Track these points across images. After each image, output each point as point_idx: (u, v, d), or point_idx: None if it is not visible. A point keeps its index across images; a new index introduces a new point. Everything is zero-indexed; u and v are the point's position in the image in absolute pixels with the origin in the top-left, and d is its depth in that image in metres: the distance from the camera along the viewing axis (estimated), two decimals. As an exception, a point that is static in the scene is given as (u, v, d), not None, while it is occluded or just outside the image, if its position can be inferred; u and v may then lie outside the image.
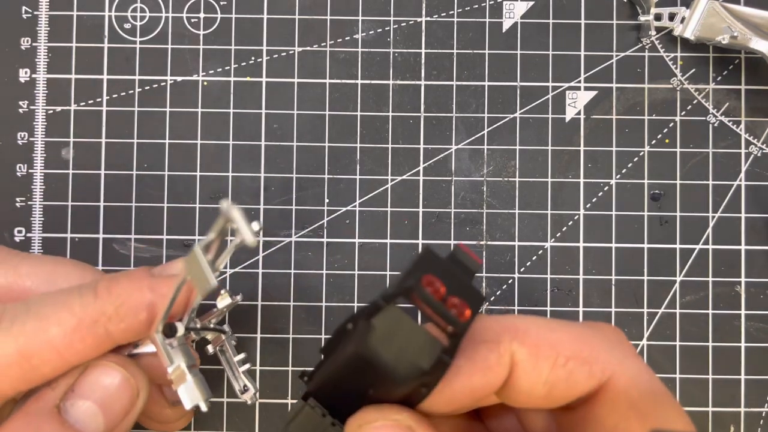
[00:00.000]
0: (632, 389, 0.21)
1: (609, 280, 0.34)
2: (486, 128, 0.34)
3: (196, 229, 0.34)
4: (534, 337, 0.21)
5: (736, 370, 0.33)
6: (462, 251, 0.21)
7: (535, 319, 0.22)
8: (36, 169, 0.34)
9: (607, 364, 0.21)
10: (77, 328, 0.23)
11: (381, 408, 0.21)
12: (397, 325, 0.19)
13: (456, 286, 0.20)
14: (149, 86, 0.34)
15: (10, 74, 0.34)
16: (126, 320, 0.23)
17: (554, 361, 0.21)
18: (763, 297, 0.34)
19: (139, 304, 0.23)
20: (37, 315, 0.23)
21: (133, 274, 0.24)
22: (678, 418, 0.21)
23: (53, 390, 0.23)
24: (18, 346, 0.22)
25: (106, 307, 0.23)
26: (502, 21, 0.34)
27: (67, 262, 0.27)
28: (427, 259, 0.20)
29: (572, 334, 0.21)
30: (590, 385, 0.21)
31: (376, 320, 0.19)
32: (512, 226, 0.34)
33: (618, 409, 0.20)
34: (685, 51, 0.34)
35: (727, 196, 0.34)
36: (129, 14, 0.34)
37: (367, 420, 0.20)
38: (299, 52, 0.34)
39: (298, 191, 0.34)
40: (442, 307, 0.19)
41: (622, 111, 0.34)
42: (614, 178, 0.34)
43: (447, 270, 0.20)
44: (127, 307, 0.23)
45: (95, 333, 0.23)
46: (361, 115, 0.34)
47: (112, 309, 0.23)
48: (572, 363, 0.21)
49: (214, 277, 0.22)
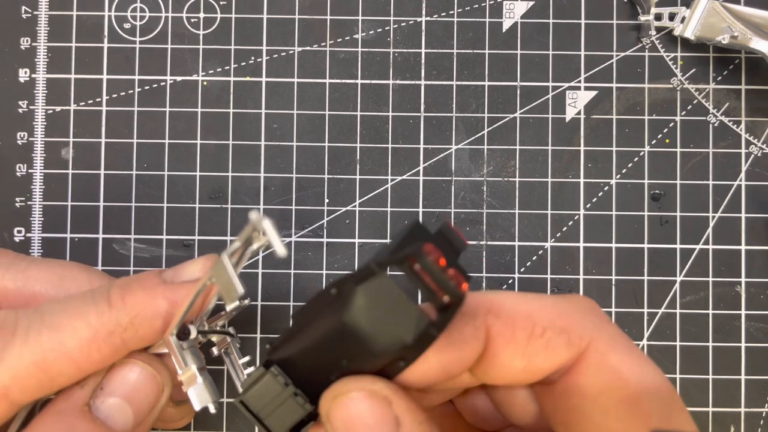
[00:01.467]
0: (612, 354, 0.21)
1: (609, 280, 0.34)
2: (486, 128, 0.34)
3: (196, 229, 0.34)
4: (509, 310, 0.21)
5: (736, 370, 0.33)
6: (450, 228, 0.20)
7: (509, 293, 0.21)
8: (36, 169, 0.34)
9: (585, 332, 0.21)
10: (93, 339, 0.23)
11: (357, 378, 0.20)
12: (385, 295, 0.19)
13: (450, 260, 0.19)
14: (149, 86, 0.34)
15: (9, 74, 0.34)
16: (141, 330, 0.23)
17: (531, 331, 0.20)
18: (763, 297, 0.34)
19: (154, 314, 0.23)
20: (52, 326, 0.23)
21: (145, 280, 0.24)
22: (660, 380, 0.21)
23: (82, 388, 0.24)
24: (35, 358, 0.22)
25: (121, 318, 0.23)
26: (502, 21, 0.34)
27: (75, 266, 0.27)
28: (418, 232, 0.20)
29: (547, 305, 0.21)
30: (569, 353, 0.21)
31: (365, 287, 0.19)
32: (512, 226, 0.34)
33: (601, 375, 0.20)
34: (685, 51, 0.34)
35: (727, 196, 0.34)
36: (129, 14, 0.34)
37: (342, 391, 0.20)
38: (299, 52, 0.34)
39: (298, 191, 0.34)
40: (443, 275, 0.18)
41: (622, 111, 0.34)
42: (614, 178, 0.34)
43: (439, 243, 0.20)
44: (142, 317, 0.23)
45: (111, 343, 0.23)
46: (361, 115, 0.34)
47: (128, 319, 0.23)
48: (549, 332, 0.20)
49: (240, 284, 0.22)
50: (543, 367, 0.21)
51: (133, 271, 0.34)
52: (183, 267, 0.25)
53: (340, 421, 0.19)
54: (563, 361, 0.21)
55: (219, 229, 0.34)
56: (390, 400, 0.19)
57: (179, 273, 0.25)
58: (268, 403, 0.21)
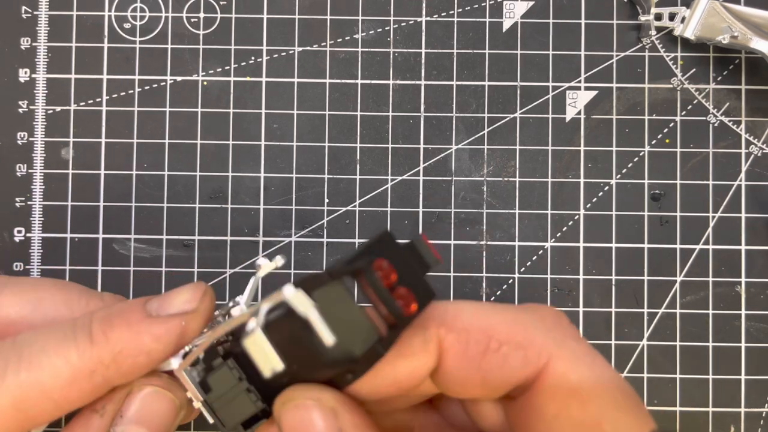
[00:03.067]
0: (571, 373, 0.20)
1: (609, 280, 0.34)
2: (486, 128, 0.34)
3: (196, 229, 0.34)
4: (464, 322, 0.20)
5: (736, 370, 0.33)
6: (422, 242, 0.20)
7: (468, 304, 0.21)
8: (36, 169, 0.34)
9: (544, 349, 0.20)
10: (74, 379, 0.22)
11: (306, 387, 0.20)
12: (337, 304, 0.18)
13: (408, 278, 0.19)
14: (149, 86, 0.34)
15: (10, 74, 0.34)
16: (123, 367, 0.22)
17: (486, 346, 0.20)
18: (763, 297, 0.34)
19: (138, 351, 0.22)
20: (30, 363, 0.22)
21: (129, 314, 0.23)
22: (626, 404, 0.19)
23: (102, 417, 0.23)
24: (13, 398, 0.21)
25: (103, 356, 0.22)
26: (502, 21, 0.34)
27: (51, 285, 0.26)
28: (385, 243, 0.19)
29: (506, 318, 0.20)
30: (527, 371, 0.20)
31: (316, 294, 0.18)
32: (512, 226, 0.34)
33: (557, 397, 0.19)
34: (686, 51, 0.34)
35: (728, 196, 0.34)
36: (129, 14, 0.34)
37: (290, 398, 0.20)
38: (299, 52, 0.34)
39: (298, 191, 0.34)
40: (388, 295, 0.18)
41: (623, 111, 0.34)
42: (614, 178, 0.34)
43: (403, 259, 0.19)
44: (126, 355, 0.22)
45: (92, 382, 0.22)
46: (361, 115, 0.34)
47: (110, 357, 0.22)
48: (506, 348, 0.20)
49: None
50: (500, 384, 0.20)
51: (133, 271, 0.34)
52: (170, 297, 0.24)
53: (289, 426, 0.20)
54: (520, 379, 0.20)
55: (219, 229, 0.34)
56: (336, 411, 0.19)
57: (165, 304, 0.23)
58: (222, 395, 0.21)
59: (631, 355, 0.33)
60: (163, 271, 0.33)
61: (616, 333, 0.33)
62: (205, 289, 0.23)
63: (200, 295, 0.23)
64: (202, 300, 0.23)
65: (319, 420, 0.19)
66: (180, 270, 0.33)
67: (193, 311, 0.22)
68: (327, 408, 0.20)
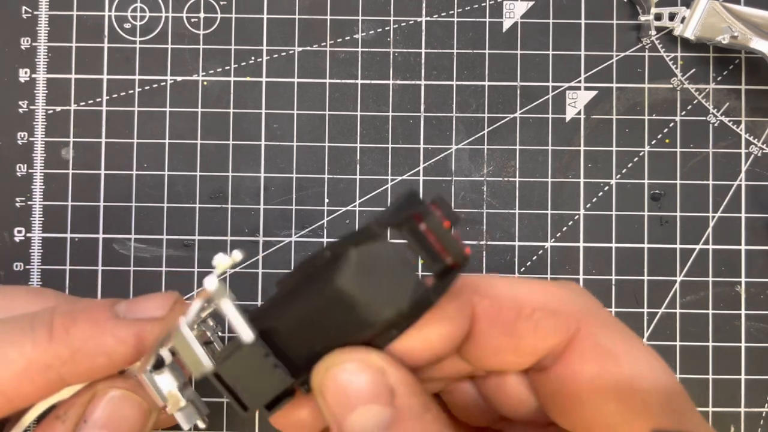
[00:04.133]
0: (604, 337, 0.20)
1: (609, 280, 0.34)
2: (486, 128, 0.34)
3: (196, 229, 0.34)
4: (497, 290, 0.20)
5: (736, 370, 0.33)
6: (444, 201, 0.20)
7: (498, 277, 0.21)
8: (36, 169, 0.34)
9: (575, 315, 0.20)
10: (26, 371, 0.21)
11: (351, 349, 0.19)
12: (383, 258, 0.18)
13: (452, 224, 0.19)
14: (149, 86, 0.34)
15: (10, 74, 0.34)
16: (81, 366, 0.21)
17: (518, 312, 0.20)
18: (763, 297, 0.34)
19: (98, 351, 0.21)
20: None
21: (94, 312, 0.22)
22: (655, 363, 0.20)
23: (64, 423, 0.22)
24: None
25: (60, 351, 0.21)
26: (502, 21, 0.34)
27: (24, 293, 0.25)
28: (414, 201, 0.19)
29: (536, 289, 0.21)
30: (559, 336, 0.20)
31: (362, 249, 0.18)
32: (512, 226, 0.34)
33: (594, 359, 0.20)
34: (685, 51, 0.34)
35: (727, 196, 0.34)
36: (129, 14, 0.34)
37: (336, 362, 0.19)
38: (299, 52, 0.34)
39: (298, 191, 0.34)
40: (450, 236, 0.18)
41: (622, 111, 0.34)
42: (614, 178, 0.34)
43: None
44: (85, 353, 0.21)
45: (46, 377, 0.21)
46: (361, 115, 0.34)
47: (68, 353, 0.21)
48: (538, 313, 0.20)
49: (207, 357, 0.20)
50: (532, 349, 0.20)
51: (133, 271, 0.34)
52: (139, 301, 0.22)
53: (334, 393, 0.19)
54: (554, 344, 0.20)
55: (219, 229, 0.34)
56: (385, 370, 0.19)
57: (134, 308, 0.22)
58: (244, 376, 0.19)
59: (631, 355, 0.33)
60: (163, 271, 0.33)
61: (616, 333, 0.33)
62: (176, 298, 0.22)
63: (170, 303, 0.22)
64: (171, 308, 0.22)
65: (369, 380, 0.19)
66: (180, 270, 0.33)
67: (161, 318, 0.22)
68: (375, 367, 0.19)
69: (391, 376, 0.19)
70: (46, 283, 0.33)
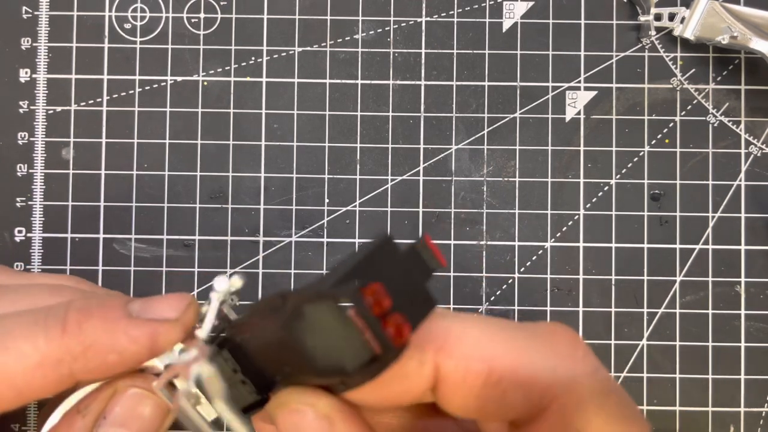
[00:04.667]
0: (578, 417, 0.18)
1: (609, 280, 0.34)
2: (486, 128, 0.34)
3: (196, 229, 0.34)
4: (465, 348, 0.19)
5: (736, 370, 0.33)
6: (425, 246, 0.19)
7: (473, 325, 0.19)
8: (36, 169, 0.34)
9: (549, 389, 0.19)
10: (39, 365, 0.20)
11: (301, 391, 0.19)
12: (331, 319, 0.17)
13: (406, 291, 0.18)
14: (149, 86, 0.34)
15: (10, 74, 0.34)
16: (92, 362, 0.21)
17: (485, 379, 0.19)
18: (763, 297, 0.34)
19: (111, 348, 0.21)
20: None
21: (108, 309, 0.22)
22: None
23: (84, 417, 0.22)
24: None
25: (73, 347, 0.21)
26: (502, 21, 0.34)
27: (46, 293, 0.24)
28: (385, 250, 0.18)
29: (512, 347, 0.19)
30: (526, 409, 0.19)
31: (309, 308, 0.18)
32: (512, 226, 0.34)
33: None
34: (685, 51, 0.34)
35: (727, 196, 0.34)
36: (129, 14, 0.34)
37: (285, 402, 0.19)
38: (299, 52, 0.34)
39: (298, 191, 0.34)
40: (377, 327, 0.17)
41: (622, 111, 0.34)
42: (614, 178, 0.34)
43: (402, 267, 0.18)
44: (96, 350, 0.21)
45: (58, 372, 0.21)
46: (361, 115, 0.34)
47: (80, 349, 0.21)
48: (506, 383, 0.18)
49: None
50: (498, 415, 0.19)
51: (133, 271, 0.34)
52: (153, 302, 0.22)
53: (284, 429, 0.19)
54: (518, 415, 0.19)
55: (219, 229, 0.34)
56: (332, 419, 0.19)
57: (148, 307, 0.22)
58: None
59: (630, 355, 0.33)
60: (164, 271, 0.34)
61: (615, 333, 0.33)
62: (190, 300, 0.22)
63: (184, 305, 0.22)
64: (185, 311, 0.22)
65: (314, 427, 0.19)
66: (180, 270, 0.33)
67: (174, 320, 0.21)
68: (322, 414, 0.19)
69: (338, 425, 0.19)
70: (46, 283, 0.33)
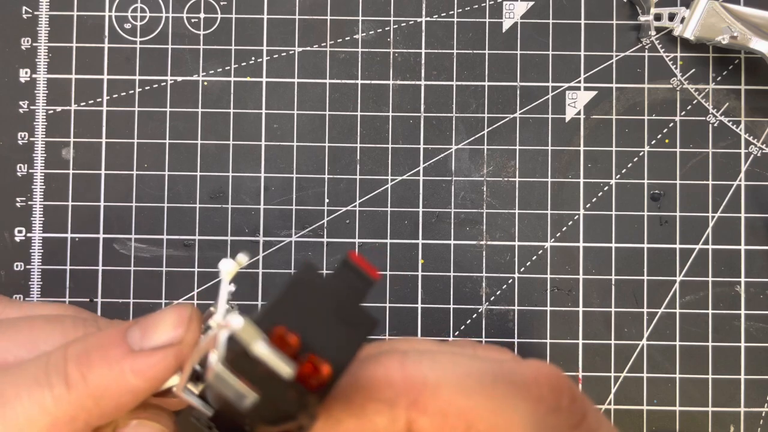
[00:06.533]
0: None
1: (609, 280, 0.34)
2: (486, 128, 0.34)
3: (196, 229, 0.34)
4: (441, 402, 0.18)
5: (736, 370, 0.33)
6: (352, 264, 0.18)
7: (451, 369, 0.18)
8: (36, 169, 0.34)
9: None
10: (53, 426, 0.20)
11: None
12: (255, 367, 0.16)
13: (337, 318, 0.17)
14: (149, 86, 0.34)
15: (10, 74, 0.34)
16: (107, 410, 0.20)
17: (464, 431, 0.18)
18: (763, 297, 0.34)
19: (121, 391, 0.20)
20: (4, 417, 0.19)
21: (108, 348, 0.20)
22: None
23: None
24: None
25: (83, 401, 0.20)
26: (502, 21, 0.34)
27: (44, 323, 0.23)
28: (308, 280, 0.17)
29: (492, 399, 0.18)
30: None
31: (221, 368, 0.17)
32: (512, 226, 0.34)
33: None
34: (685, 51, 0.34)
35: (727, 196, 0.34)
36: (129, 14, 0.34)
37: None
38: (299, 52, 0.34)
39: (298, 191, 0.34)
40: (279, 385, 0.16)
41: (622, 111, 0.34)
42: (614, 178, 0.34)
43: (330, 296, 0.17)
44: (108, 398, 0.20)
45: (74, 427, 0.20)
46: (361, 115, 0.34)
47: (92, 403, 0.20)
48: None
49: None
50: None
51: (133, 271, 0.34)
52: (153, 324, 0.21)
53: None
54: None
55: (219, 229, 0.34)
56: None
57: (149, 334, 0.21)
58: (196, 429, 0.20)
59: (630, 354, 0.33)
60: (164, 271, 0.34)
61: (615, 333, 0.33)
62: (191, 313, 0.21)
63: (186, 320, 0.20)
64: (188, 327, 0.20)
65: None
66: (180, 270, 0.33)
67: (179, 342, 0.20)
68: None
69: None
70: (46, 283, 0.33)
